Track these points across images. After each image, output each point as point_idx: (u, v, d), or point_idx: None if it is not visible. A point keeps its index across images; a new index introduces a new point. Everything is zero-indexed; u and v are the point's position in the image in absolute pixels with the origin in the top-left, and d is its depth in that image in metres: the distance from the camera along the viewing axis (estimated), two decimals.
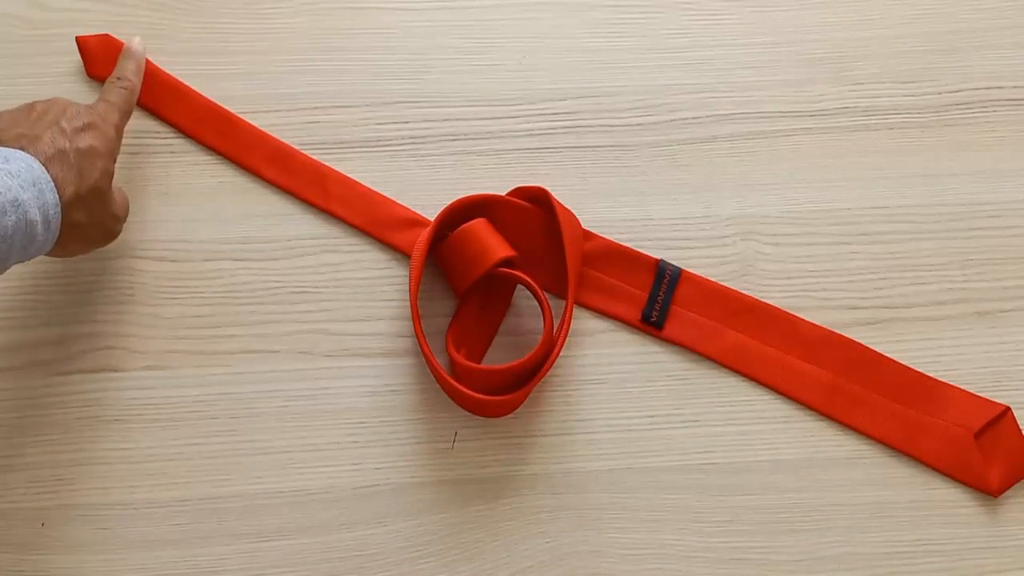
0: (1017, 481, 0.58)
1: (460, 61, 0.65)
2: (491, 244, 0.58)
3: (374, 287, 0.61)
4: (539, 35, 0.66)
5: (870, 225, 0.63)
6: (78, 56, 0.64)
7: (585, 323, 0.61)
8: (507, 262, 0.58)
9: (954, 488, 0.58)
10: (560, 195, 0.60)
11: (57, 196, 0.47)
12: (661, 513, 0.57)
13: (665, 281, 0.61)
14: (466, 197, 0.59)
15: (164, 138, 0.63)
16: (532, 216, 0.60)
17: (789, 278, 0.62)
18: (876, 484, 0.58)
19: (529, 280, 0.57)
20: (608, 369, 0.60)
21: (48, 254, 0.50)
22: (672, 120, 0.65)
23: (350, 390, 0.59)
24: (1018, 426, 0.59)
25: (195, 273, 0.60)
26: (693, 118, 0.65)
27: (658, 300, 0.60)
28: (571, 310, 0.58)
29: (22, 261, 0.47)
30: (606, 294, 0.61)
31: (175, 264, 0.60)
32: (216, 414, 0.58)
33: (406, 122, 0.64)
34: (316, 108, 0.64)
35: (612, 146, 0.64)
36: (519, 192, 0.61)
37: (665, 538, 0.57)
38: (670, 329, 0.60)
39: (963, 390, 0.59)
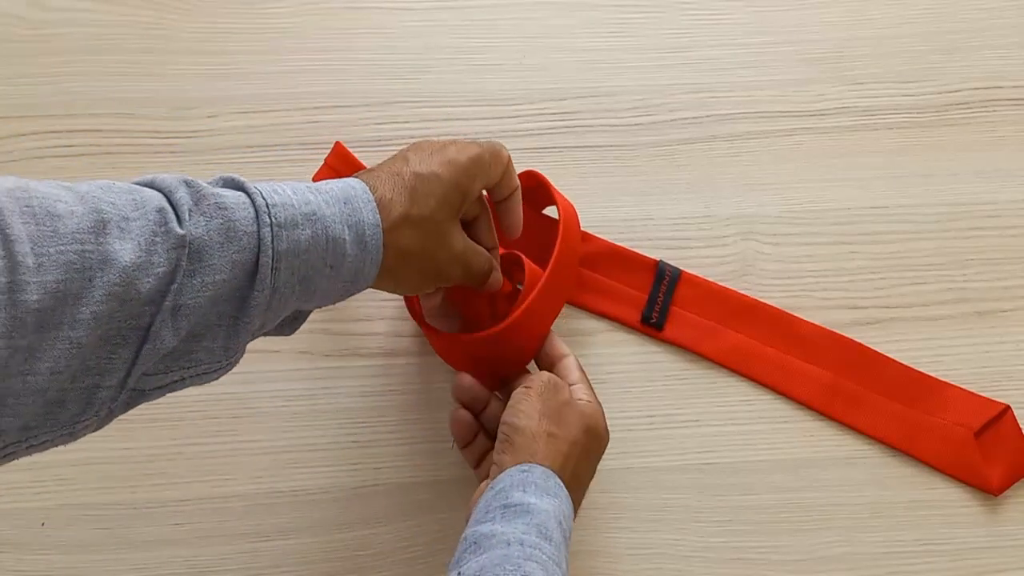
0: (1017, 480, 0.58)
1: (460, 61, 0.65)
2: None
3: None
4: (539, 35, 0.66)
5: (870, 225, 0.63)
6: (77, 56, 0.64)
7: (585, 323, 0.61)
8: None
9: (954, 488, 0.58)
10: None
11: (378, 216, 0.44)
12: (661, 513, 0.57)
13: (665, 282, 0.61)
14: None
15: (164, 138, 0.63)
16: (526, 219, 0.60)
17: (789, 278, 0.62)
18: (876, 484, 0.58)
19: (517, 253, 0.56)
20: (608, 369, 0.60)
21: (379, 285, 0.46)
22: (672, 120, 0.65)
23: (350, 390, 0.59)
24: (1018, 425, 0.59)
25: None
26: (693, 118, 0.65)
27: (658, 301, 0.60)
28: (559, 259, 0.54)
29: (348, 292, 0.44)
30: (606, 296, 0.61)
31: None
32: (216, 414, 0.58)
33: (406, 122, 0.64)
34: (316, 108, 0.64)
35: (612, 146, 0.64)
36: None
37: (665, 538, 0.57)
38: (670, 330, 0.60)
39: (963, 389, 0.59)
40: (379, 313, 0.60)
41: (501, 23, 0.66)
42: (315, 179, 0.59)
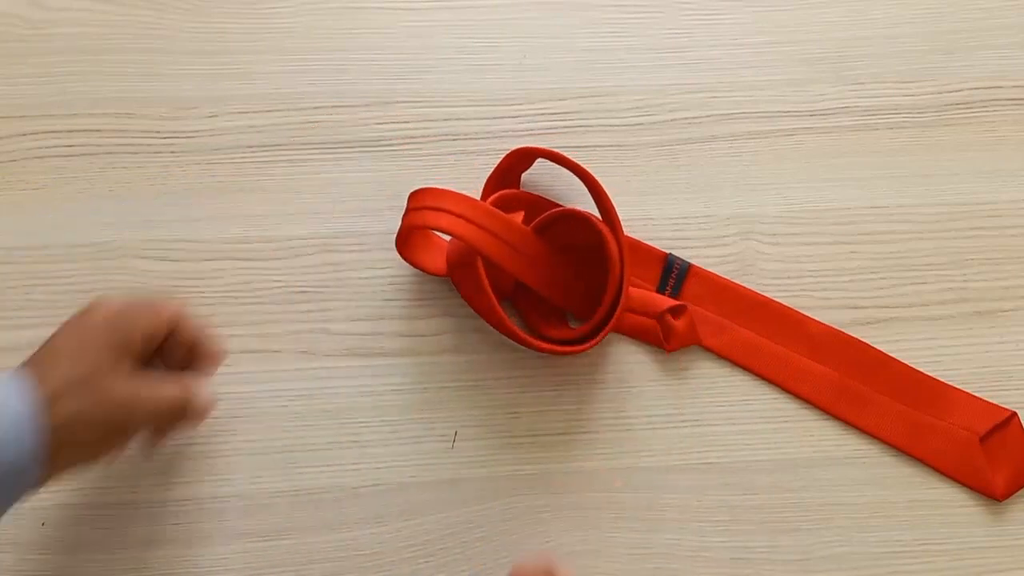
0: (1022, 487, 0.58)
1: (460, 61, 0.65)
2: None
3: (374, 287, 0.61)
4: (539, 35, 0.66)
5: (870, 225, 0.63)
6: (77, 56, 0.64)
7: None
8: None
9: (954, 488, 0.58)
10: (560, 195, 0.60)
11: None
12: (661, 513, 0.57)
13: (673, 275, 0.61)
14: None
15: (164, 138, 0.63)
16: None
17: (789, 278, 0.62)
18: (876, 484, 0.58)
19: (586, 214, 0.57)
20: (608, 368, 0.60)
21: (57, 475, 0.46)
22: (672, 120, 0.65)
23: (350, 390, 0.59)
24: None
25: (195, 273, 0.60)
26: (693, 118, 0.65)
27: (665, 295, 0.60)
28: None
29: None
30: None
31: (175, 264, 0.60)
32: (216, 414, 0.58)
33: (406, 122, 0.64)
34: (316, 108, 0.64)
35: (612, 146, 0.64)
36: (514, 156, 0.59)
37: (665, 538, 0.57)
38: None
39: (969, 393, 0.59)
40: (379, 313, 0.60)
41: (501, 23, 0.66)
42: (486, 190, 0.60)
